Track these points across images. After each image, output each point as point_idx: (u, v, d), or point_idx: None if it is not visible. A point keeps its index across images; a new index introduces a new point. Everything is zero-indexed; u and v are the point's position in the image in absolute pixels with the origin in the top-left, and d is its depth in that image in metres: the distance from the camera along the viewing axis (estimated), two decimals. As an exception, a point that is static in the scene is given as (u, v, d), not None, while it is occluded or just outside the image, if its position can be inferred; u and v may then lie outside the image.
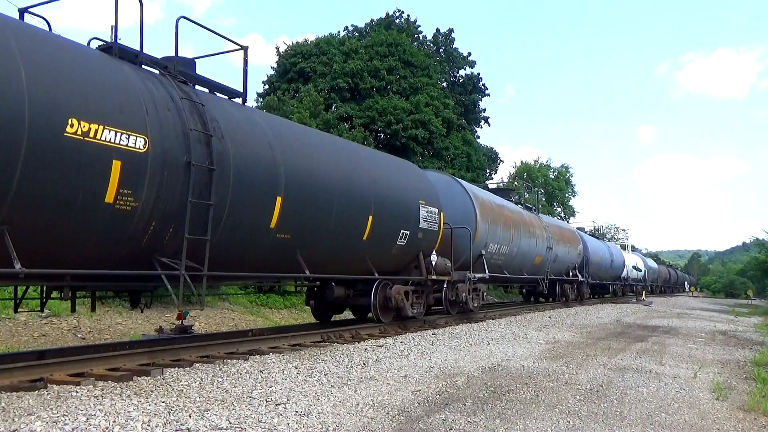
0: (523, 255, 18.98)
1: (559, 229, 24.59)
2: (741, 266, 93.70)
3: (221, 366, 7.09)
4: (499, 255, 17.03)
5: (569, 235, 25.95)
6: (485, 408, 5.60)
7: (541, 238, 20.80)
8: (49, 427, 4.23)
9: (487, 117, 44.80)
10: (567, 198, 60.62)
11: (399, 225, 11.62)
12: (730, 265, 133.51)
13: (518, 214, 19.24)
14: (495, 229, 16.45)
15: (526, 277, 19.99)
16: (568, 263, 24.74)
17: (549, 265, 21.65)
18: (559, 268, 23.47)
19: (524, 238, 18.81)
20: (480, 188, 18.43)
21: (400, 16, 42.22)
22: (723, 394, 6.77)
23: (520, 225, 18.68)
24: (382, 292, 11.62)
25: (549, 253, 21.46)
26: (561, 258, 23.40)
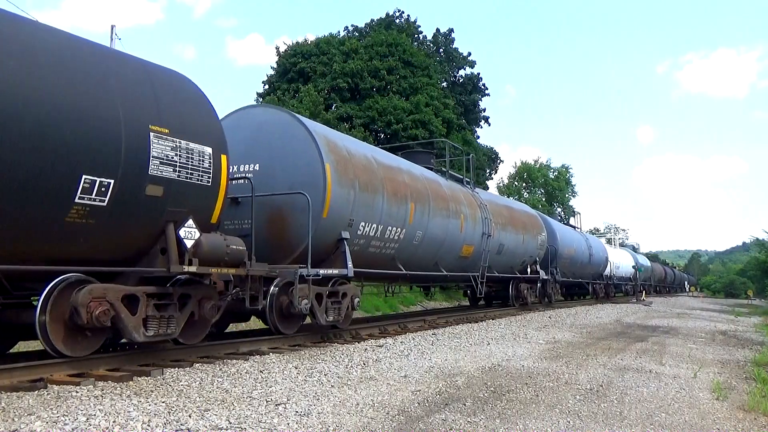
0: (436, 242, 13.44)
1: (509, 211, 18.96)
2: (741, 266, 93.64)
3: (221, 366, 7.09)
4: (385, 241, 11.48)
5: (526, 219, 20.29)
6: (485, 408, 5.60)
7: (473, 221, 15.24)
8: (49, 427, 4.23)
9: (487, 117, 44.89)
10: (567, 198, 60.63)
11: (80, 165, 6.00)
12: (730, 265, 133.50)
13: (425, 182, 13.28)
14: (371, 201, 10.77)
15: (442, 273, 14.18)
16: (523, 256, 19.47)
17: (488, 257, 16.20)
18: (508, 261, 18.29)
19: (438, 219, 13.30)
20: (352, 139, 12.45)
21: (400, 16, 42.27)
22: (723, 394, 6.77)
23: (427, 198, 12.91)
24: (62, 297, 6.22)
25: (487, 242, 15.97)
26: (511, 249, 18.12)
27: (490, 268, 16.72)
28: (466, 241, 14.89)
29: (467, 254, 15.27)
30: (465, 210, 14.95)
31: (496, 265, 17.28)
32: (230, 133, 8.58)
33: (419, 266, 13.21)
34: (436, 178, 14.53)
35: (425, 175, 13.72)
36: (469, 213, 15.15)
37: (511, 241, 18.13)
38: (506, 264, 18.25)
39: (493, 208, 17.24)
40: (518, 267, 19.50)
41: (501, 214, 17.79)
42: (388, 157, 12.77)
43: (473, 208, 15.58)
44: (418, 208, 12.42)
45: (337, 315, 10.11)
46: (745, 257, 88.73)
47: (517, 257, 19.12)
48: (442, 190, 14.09)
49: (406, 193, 12.11)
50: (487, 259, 16.24)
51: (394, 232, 11.64)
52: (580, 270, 27.91)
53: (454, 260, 14.77)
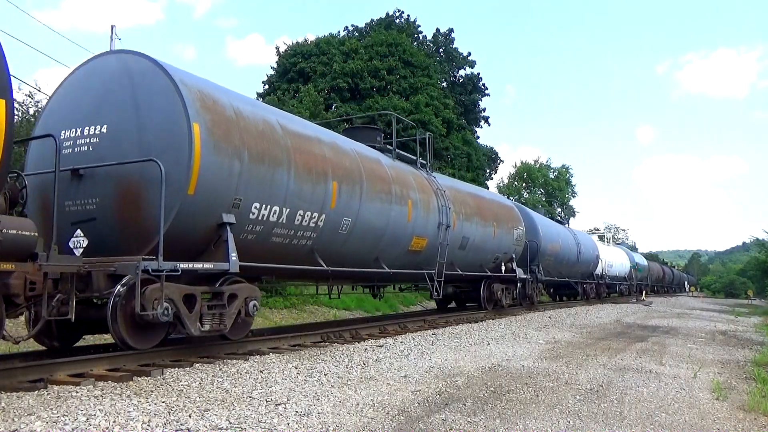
0: (373, 233, 10.97)
1: (476, 200, 16.36)
2: (741, 266, 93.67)
3: (221, 366, 7.09)
4: (295, 229, 9.03)
5: (500, 211, 17.63)
6: (485, 408, 5.60)
7: (426, 209, 12.80)
8: (49, 427, 4.23)
9: (487, 117, 44.95)
10: (567, 198, 60.67)
11: None
12: (730, 265, 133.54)
13: (357, 159, 10.76)
14: (270, 176, 8.43)
15: (384, 271, 11.64)
16: (495, 252, 16.91)
17: (447, 252, 13.63)
18: (476, 258, 15.89)
19: (375, 204, 10.89)
20: (249, 99, 9.73)
21: (400, 16, 42.31)
22: (723, 394, 6.77)
23: (359, 178, 10.49)
24: None
25: (446, 234, 13.56)
26: (479, 244, 15.68)
27: (452, 266, 14.34)
28: (416, 233, 12.39)
29: (419, 248, 12.69)
30: (415, 195, 12.42)
31: (460, 262, 14.90)
32: (79, 90, 7.63)
33: (352, 261, 10.83)
34: (376, 155, 11.94)
35: (358, 151, 11.07)
36: (421, 199, 12.61)
37: (479, 234, 15.67)
38: (473, 261, 15.79)
39: (455, 195, 14.77)
40: (490, 265, 16.95)
41: (465, 203, 15.25)
42: (302, 125, 10.25)
43: (427, 193, 13.07)
44: (344, 189, 9.93)
45: (219, 323, 7.74)
46: (745, 257, 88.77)
47: (488, 253, 16.56)
48: (381, 170, 11.53)
49: (326, 170, 9.56)
50: (446, 254, 13.60)
51: (308, 217, 9.16)
52: (568, 269, 25.40)
53: (401, 255, 12.23)
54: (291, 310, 18.17)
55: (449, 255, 13.92)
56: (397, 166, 12.69)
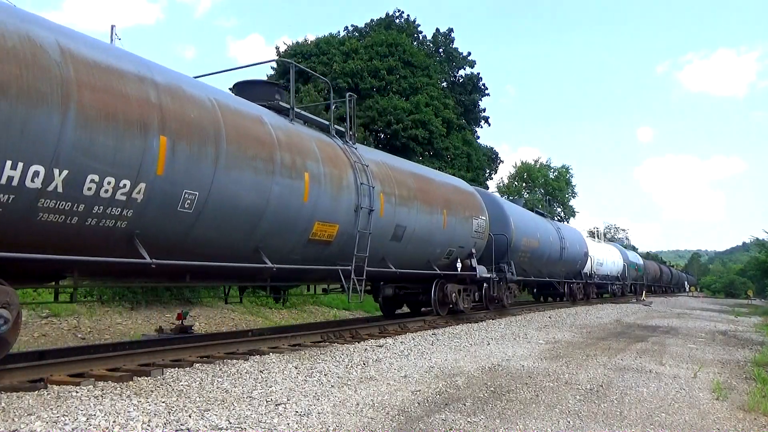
0: (244, 214, 8.21)
1: (419, 181, 13.19)
2: (741, 266, 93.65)
3: (221, 366, 7.10)
4: (86, 202, 6.33)
5: (454, 196, 14.65)
6: (485, 408, 5.60)
7: (337, 186, 10.04)
8: (49, 427, 4.23)
9: (487, 117, 44.90)
10: (567, 198, 60.63)
11: None
12: (730, 265, 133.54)
13: (216, 110, 7.89)
14: (20, 118, 5.66)
15: (266, 266, 8.74)
16: (447, 246, 14.05)
17: (370, 244, 10.75)
18: (418, 252, 12.99)
19: (246, 174, 8.11)
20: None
21: (400, 16, 42.29)
22: (723, 394, 6.77)
23: (213, 136, 7.65)
24: None
25: (368, 221, 10.70)
26: (420, 234, 12.72)
27: (382, 261, 11.69)
28: (320, 217, 9.55)
29: (326, 237, 9.89)
30: (317, 168, 9.54)
31: (395, 257, 12.09)
32: None
33: (211, 252, 7.95)
34: (256, 112, 8.93)
35: (220, 102, 8.04)
36: (327, 173, 9.79)
37: (422, 223, 12.70)
38: (415, 256, 12.90)
39: (385, 173, 11.84)
40: (440, 261, 14.14)
41: (401, 183, 12.22)
42: (113, 54, 6.99)
43: (339, 167, 10.18)
44: (183, 150, 7.09)
45: None
46: (745, 257, 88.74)
47: (435, 247, 13.58)
48: (260, 130, 8.57)
49: (147, 119, 6.77)
50: (368, 246, 10.67)
51: (111, 186, 6.41)
52: (549, 267, 22.69)
53: (298, 246, 9.42)
54: (291, 310, 18.18)
55: (376, 247, 11.10)
56: (293, 129, 9.60)
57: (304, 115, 10.69)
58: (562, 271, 24.77)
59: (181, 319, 10.54)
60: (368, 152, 12.19)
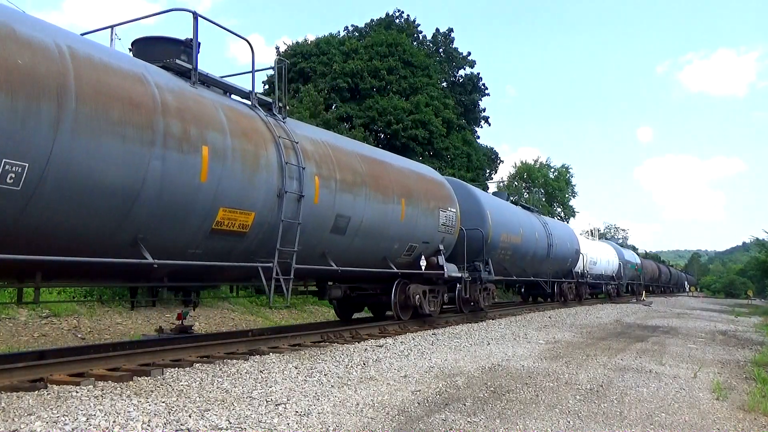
0: (107, 195, 6.45)
1: (371, 165, 11.30)
2: (741, 266, 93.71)
3: (221, 366, 7.10)
4: None
5: (414, 184, 12.65)
6: (485, 408, 5.60)
7: (253, 166, 8.29)
8: (49, 427, 4.23)
9: (487, 117, 44.94)
10: (567, 198, 60.67)
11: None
12: (730, 265, 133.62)
13: (66, 61, 6.13)
14: None
15: (146, 262, 6.96)
16: (406, 240, 12.12)
17: (300, 237, 9.00)
18: (369, 248, 11.14)
19: (106, 141, 6.35)
20: None
21: (400, 16, 42.33)
22: (723, 394, 6.77)
23: (61, 93, 5.95)
24: None
25: (297, 208, 8.97)
26: (371, 227, 10.88)
27: (322, 257, 9.93)
28: (225, 202, 7.73)
29: (237, 228, 8.08)
30: (222, 141, 7.70)
31: (338, 253, 10.23)
32: None
33: (72, 245, 6.46)
34: (136, 68, 7.18)
35: (76, 51, 6.40)
36: (238, 149, 7.94)
37: (373, 213, 10.85)
38: (364, 252, 11.05)
39: (323, 152, 9.94)
40: (399, 258, 12.21)
41: (346, 166, 10.35)
42: None
43: (256, 142, 8.35)
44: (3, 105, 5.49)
45: None
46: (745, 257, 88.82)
47: (392, 241, 11.69)
48: (133, 89, 6.79)
49: None
50: (297, 239, 8.88)
51: None
52: (535, 265, 20.98)
53: (195, 237, 7.62)
54: (291, 310, 18.18)
55: (311, 241, 9.45)
56: (190, 93, 7.70)
57: (215, 80, 8.59)
58: (550, 270, 22.82)
59: (181, 319, 10.54)
60: (303, 128, 10.25)
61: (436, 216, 13.21)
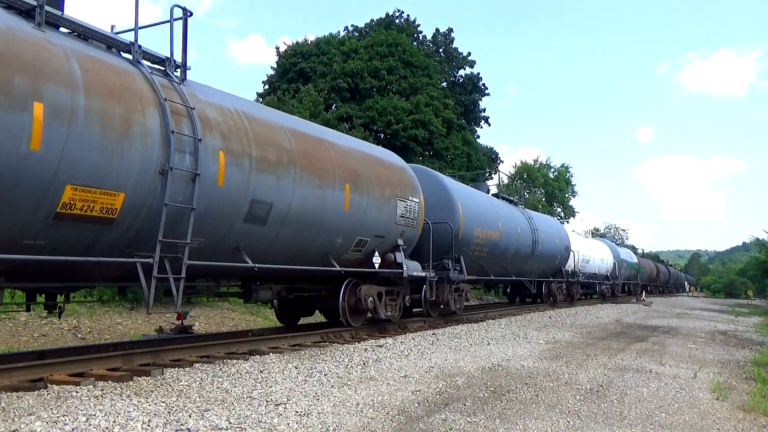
0: None
1: (304, 141, 9.48)
2: (741, 266, 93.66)
3: (221, 366, 7.10)
4: None
5: (363, 167, 10.81)
6: (485, 408, 5.60)
7: (121, 133, 6.49)
8: (49, 427, 4.23)
9: (487, 117, 44.95)
10: (567, 198, 60.67)
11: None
12: (730, 265, 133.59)
13: None
14: None
15: None
16: (353, 233, 10.40)
17: (194, 226, 7.23)
18: (300, 241, 9.29)
19: None
20: None
21: (400, 16, 42.35)
22: (723, 394, 6.78)
23: None
24: None
25: (190, 191, 7.22)
26: (302, 215, 9.09)
27: (236, 252, 8.23)
28: (77, 180, 6.10)
29: (98, 212, 6.39)
30: (69, 98, 6.04)
31: (256, 246, 8.51)
32: None
33: None
34: None
35: None
36: (95, 109, 6.26)
37: (306, 200, 9.11)
38: (294, 246, 9.23)
39: (236, 124, 8.12)
40: (346, 255, 10.48)
41: (267, 141, 8.55)
42: None
43: (126, 102, 6.61)
44: None
45: None
46: (745, 257, 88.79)
47: (332, 235, 9.90)
48: None
49: None
50: (190, 229, 7.15)
51: None
52: (517, 263, 19.20)
53: (32, 224, 5.97)
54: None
55: (217, 232, 7.82)
56: (29, 35, 6.05)
57: (76, 23, 6.85)
58: (537, 269, 20.93)
59: (181, 319, 10.55)
60: (211, 94, 8.29)
61: (393, 206, 11.42)
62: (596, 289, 30.59)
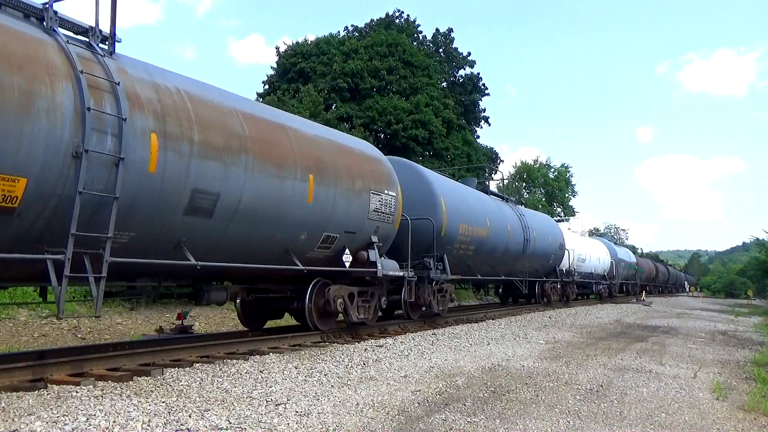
0: None
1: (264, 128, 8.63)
2: (741, 266, 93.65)
3: (221, 366, 7.10)
4: None
5: (329, 156, 9.88)
6: (485, 408, 5.61)
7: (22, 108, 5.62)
8: (49, 427, 4.23)
9: (487, 117, 44.94)
10: (567, 198, 60.67)
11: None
12: (730, 265, 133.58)
13: None
14: None
15: None
16: (321, 229, 9.55)
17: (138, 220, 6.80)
18: (254, 236, 8.37)
19: None
20: None
21: (400, 16, 42.34)
22: (723, 394, 6.78)
23: None
24: None
25: (114, 175, 6.34)
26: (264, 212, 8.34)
27: (178, 249, 7.35)
28: None
29: None
30: None
31: (203, 242, 7.60)
32: None
33: None
34: None
35: None
36: None
37: (263, 191, 8.22)
38: (249, 242, 8.32)
39: (174, 103, 7.18)
40: (312, 253, 9.60)
41: (214, 124, 7.60)
42: None
43: (39, 78, 5.85)
44: None
45: None
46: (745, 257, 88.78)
47: (294, 230, 8.99)
48: None
49: None
50: (112, 221, 6.32)
51: None
52: (507, 262, 18.32)
53: None
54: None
55: (154, 225, 6.97)
56: None
57: None
58: (529, 268, 19.96)
59: (181, 319, 10.56)
60: (144, 69, 7.27)
61: (365, 200, 10.52)
62: (593, 289, 29.91)
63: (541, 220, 22.92)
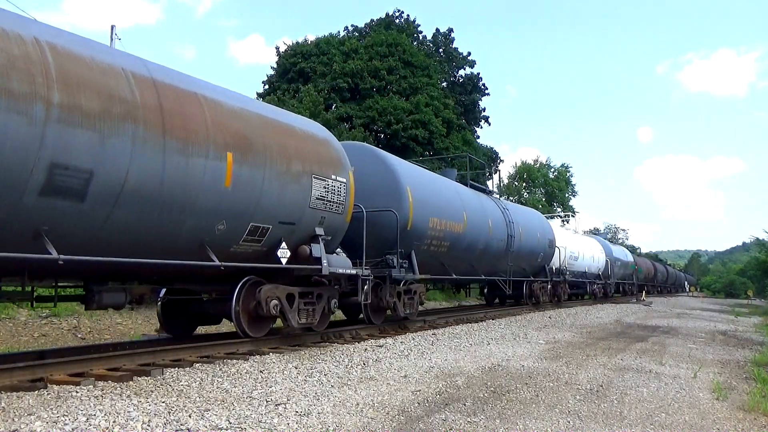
0: None
1: (164, 94, 6.97)
2: (741, 266, 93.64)
3: (221, 366, 7.10)
4: None
5: (263, 133, 8.34)
6: (485, 408, 5.60)
7: None
8: (49, 427, 4.23)
9: (487, 117, 44.93)
10: (567, 198, 60.66)
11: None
12: (730, 265, 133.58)
13: None
14: None
15: None
16: (248, 219, 8.06)
17: None
18: (170, 230, 7.08)
19: None
20: None
21: (400, 16, 42.33)
22: (723, 394, 6.78)
23: None
24: None
25: None
26: (161, 195, 6.78)
27: (38, 240, 5.90)
28: None
29: None
30: None
31: (70, 232, 6.13)
32: None
33: None
34: None
35: None
36: None
37: (160, 170, 6.75)
38: (142, 231, 6.84)
39: (26, 54, 5.69)
40: (236, 247, 8.18)
41: (89, 85, 6.13)
42: None
43: None
44: None
45: None
46: (745, 257, 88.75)
47: (207, 219, 7.53)
48: None
49: None
50: None
51: None
52: (489, 261, 16.69)
53: None
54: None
55: (14, 213, 5.64)
56: None
57: None
58: (512, 267, 18.17)
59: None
60: None
61: (305, 186, 9.04)
62: (587, 289, 28.39)
63: (528, 215, 21.20)
